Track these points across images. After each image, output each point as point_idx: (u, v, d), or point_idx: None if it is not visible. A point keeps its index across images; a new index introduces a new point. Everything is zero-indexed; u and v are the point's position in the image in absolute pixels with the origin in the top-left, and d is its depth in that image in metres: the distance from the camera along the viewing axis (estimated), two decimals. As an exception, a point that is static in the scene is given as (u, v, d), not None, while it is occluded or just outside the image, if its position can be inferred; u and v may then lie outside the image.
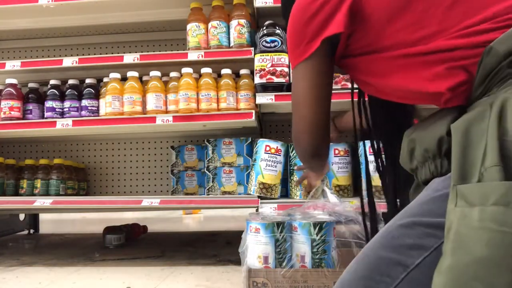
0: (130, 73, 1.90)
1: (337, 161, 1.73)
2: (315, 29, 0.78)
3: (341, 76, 1.73)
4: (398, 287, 0.61)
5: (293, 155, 1.74)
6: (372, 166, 1.20)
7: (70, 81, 2.03)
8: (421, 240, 0.61)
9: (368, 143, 1.07)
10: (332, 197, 1.48)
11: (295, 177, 1.72)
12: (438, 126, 0.67)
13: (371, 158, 1.15)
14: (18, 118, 1.96)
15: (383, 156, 1.00)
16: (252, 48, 1.81)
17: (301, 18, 0.80)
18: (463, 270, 0.50)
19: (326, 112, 0.88)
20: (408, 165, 0.74)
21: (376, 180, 1.06)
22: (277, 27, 1.77)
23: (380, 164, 1.00)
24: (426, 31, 0.70)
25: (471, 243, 0.50)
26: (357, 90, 0.99)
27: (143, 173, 2.45)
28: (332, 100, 0.91)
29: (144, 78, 1.99)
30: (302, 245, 1.24)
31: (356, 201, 1.56)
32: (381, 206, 1.08)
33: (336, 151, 1.73)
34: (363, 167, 1.76)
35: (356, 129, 1.03)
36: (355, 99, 1.01)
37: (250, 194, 1.73)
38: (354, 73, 0.86)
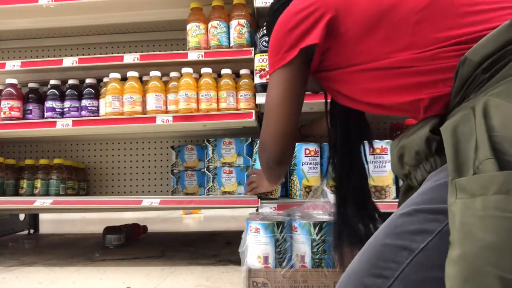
0: (130, 73, 1.90)
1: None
2: (294, 39, 0.84)
3: None
4: (404, 271, 0.63)
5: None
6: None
7: (70, 81, 2.03)
8: (424, 225, 0.63)
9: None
10: (332, 197, 1.48)
11: (295, 177, 1.72)
12: (422, 130, 0.72)
13: (370, 158, 1.17)
14: (18, 118, 1.96)
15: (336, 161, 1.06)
16: (252, 48, 1.81)
17: (283, 28, 0.86)
18: (474, 257, 0.53)
19: (296, 120, 0.94)
20: (400, 171, 0.78)
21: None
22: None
23: (336, 168, 1.05)
24: (397, 45, 0.75)
25: (478, 232, 0.53)
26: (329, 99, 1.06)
27: (143, 173, 2.45)
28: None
29: (144, 78, 1.99)
30: (302, 245, 1.24)
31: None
32: (381, 206, 1.09)
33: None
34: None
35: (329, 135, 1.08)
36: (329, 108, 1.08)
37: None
38: (329, 84, 0.91)
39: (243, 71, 1.89)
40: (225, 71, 1.88)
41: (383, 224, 0.71)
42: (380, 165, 1.66)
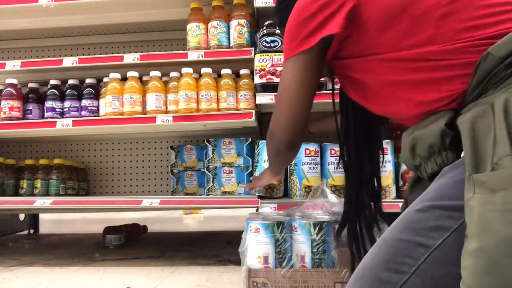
0: (130, 73, 1.90)
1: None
2: (313, 27, 0.82)
3: None
4: (420, 267, 0.63)
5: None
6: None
7: (70, 81, 2.03)
8: (441, 222, 0.64)
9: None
10: (332, 197, 1.48)
11: (295, 177, 1.72)
12: (437, 123, 0.71)
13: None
14: (18, 118, 1.96)
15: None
16: (252, 48, 1.81)
17: (300, 15, 0.84)
18: (492, 250, 0.53)
19: (309, 107, 0.93)
20: (411, 162, 0.78)
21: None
22: (277, 27, 1.77)
23: (346, 163, 1.06)
24: (419, 37, 0.75)
25: (497, 225, 0.54)
26: (338, 92, 1.05)
27: (143, 173, 2.45)
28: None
29: (144, 78, 1.99)
30: (302, 245, 1.24)
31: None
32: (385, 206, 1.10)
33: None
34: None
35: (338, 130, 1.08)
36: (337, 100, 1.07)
37: (255, 194, 1.73)
38: (345, 71, 0.89)
39: (243, 71, 1.89)
40: (225, 71, 1.88)
41: (398, 219, 0.71)
42: (381, 165, 1.66)
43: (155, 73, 1.89)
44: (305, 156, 1.71)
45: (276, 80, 1.73)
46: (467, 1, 0.73)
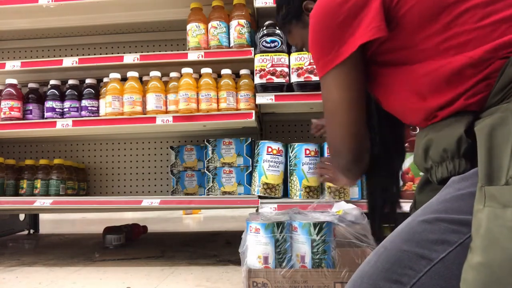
0: (130, 73, 1.90)
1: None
2: (350, 33, 0.76)
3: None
4: (421, 279, 0.62)
5: (292, 155, 1.74)
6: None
7: (70, 81, 2.03)
8: (445, 236, 0.62)
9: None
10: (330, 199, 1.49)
11: (295, 177, 1.72)
12: (454, 127, 0.69)
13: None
14: (18, 118, 1.96)
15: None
16: (252, 48, 1.81)
17: (331, 22, 0.78)
18: (498, 266, 0.52)
19: (363, 116, 0.85)
20: (422, 164, 0.75)
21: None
22: (277, 27, 1.77)
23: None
24: (455, 40, 0.70)
25: (504, 242, 0.52)
26: None
27: (143, 173, 2.45)
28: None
29: (144, 78, 1.99)
30: (302, 245, 1.24)
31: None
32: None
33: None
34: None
35: None
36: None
37: (254, 194, 1.74)
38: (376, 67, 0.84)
39: (243, 71, 1.89)
40: (225, 71, 1.88)
41: (401, 227, 0.69)
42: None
43: (155, 73, 1.89)
44: (305, 156, 1.71)
45: (276, 80, 1.73)
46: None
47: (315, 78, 1.69)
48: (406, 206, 1.07)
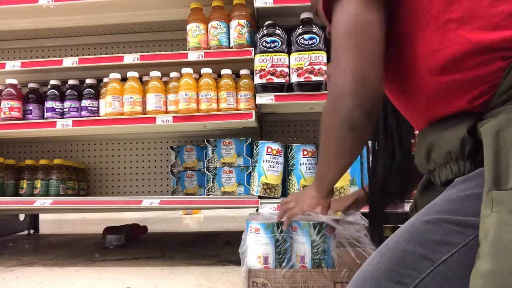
0: (130, 73, 1.90)
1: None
2: None
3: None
4: (423, 280, 0.62)
5: (291, 155, 1.75)
6: None
7: (70, 81, 2.03)
8: (449, 237, 0.61)
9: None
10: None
11: (293, 177, 1.72)
12: (457, 129, 0.67)
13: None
14: (18, 118, 1.96)
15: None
16: (252, 49, 1.81)
17: None
18: (507, 275, 0.51)
19: (375, 61, 0.68)
20: (424, 166, 0.74)
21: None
22: (277, 27, 1.77)
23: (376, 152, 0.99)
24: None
25: None
26: None
27: (143, 173, 2.45)
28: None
29: (144, 78, 1.99)
30: (302, 245, 1.24)
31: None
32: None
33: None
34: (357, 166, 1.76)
35: None
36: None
37: (254, 195, 1.74)
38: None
39: (243, 71, 1.89)
40: (225, 71, 1.88)
41: (403, 227, 0.68)
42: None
43: (155, 73, 1.89)
44: (303, 157, 1.72)
45: (276, 80, 1.73)
46: None
47: (315, 78, 1.70)
48: (406, 206, 1.07)
